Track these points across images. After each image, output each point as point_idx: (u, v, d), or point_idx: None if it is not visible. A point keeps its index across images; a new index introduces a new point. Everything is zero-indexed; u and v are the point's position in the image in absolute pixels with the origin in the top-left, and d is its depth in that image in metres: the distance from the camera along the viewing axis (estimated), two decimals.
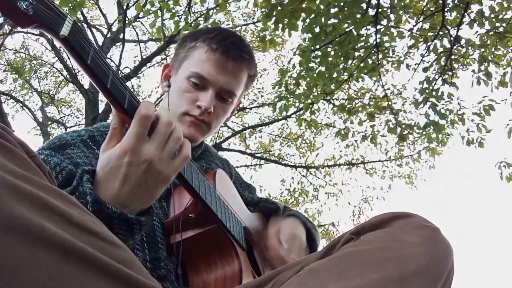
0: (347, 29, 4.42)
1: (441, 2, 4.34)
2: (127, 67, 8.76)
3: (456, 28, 4.45)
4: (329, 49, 4.57)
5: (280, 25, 4.22)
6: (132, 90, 0.72)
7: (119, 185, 0.68)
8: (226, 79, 1.05)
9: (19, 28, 0.55)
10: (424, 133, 5.49)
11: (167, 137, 0.70)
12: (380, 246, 0.62)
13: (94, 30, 9.22)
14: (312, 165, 9.91)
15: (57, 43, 0.60)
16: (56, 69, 9.87)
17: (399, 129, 5.28)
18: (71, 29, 0.59)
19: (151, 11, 4.38)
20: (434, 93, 4.76)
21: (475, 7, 4.39)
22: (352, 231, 0.70)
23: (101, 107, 8.16)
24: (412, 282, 0.57)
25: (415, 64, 5.01)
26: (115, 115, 0.71)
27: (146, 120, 0.67)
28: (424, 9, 4.80)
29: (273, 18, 4.21)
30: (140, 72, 8.82)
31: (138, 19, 8.80)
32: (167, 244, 0.89)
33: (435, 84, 4.76)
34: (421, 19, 4.76)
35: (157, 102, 9.64)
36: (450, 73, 4.70)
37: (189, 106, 1.04)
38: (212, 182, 0.98)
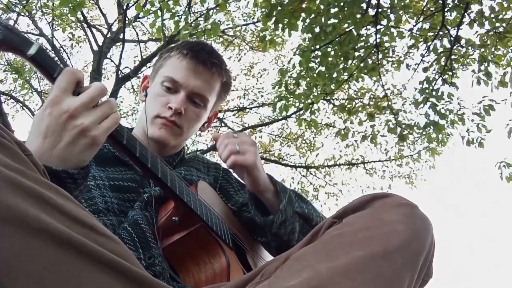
0: (347, 29, 4.42)
1: (441, 2, 4.34)
2: (127, 67, 8.76)
3: (456, 28, 4.45)
4: (329, 49, 4.57)
5: (280, 25, 4.22)
6: (132, 90, 0.75)
7: (41, 139, 0.66)
8: (197, 82, 1.09)
9: None
10: (424, 133, 5.49)
11: (93, 97, 0.69)
12: (362, 227, 0.64)
13: (94, 30, 9.22)
14: (312, 165, 9.90)
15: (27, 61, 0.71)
16: None
17: (399, 129, 5.28)
18: (38, 50, 0.69)
19: (151, 11, 4.37)
20: (434, 93, 4.76)
21: (475, 7, 4.39)
22: (334, 215, 0.72)
23: None
24: (396, 256, 0.59)
25: (415, 64, 5.02)
26: None
27: (71, 75, 0.70)
28: (424, 9, 4.80)
29: (273, 18, 4.22)
30: (140, 72, 8.81)
31: (138, 19, 8.80)
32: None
33: (435, 84, 4.76)
34: (421, 19, 4.76)
35: None
36: (450, 73, 4.70)
37: (161, 109, 1.08)
38: (194, 190, 0.99)
